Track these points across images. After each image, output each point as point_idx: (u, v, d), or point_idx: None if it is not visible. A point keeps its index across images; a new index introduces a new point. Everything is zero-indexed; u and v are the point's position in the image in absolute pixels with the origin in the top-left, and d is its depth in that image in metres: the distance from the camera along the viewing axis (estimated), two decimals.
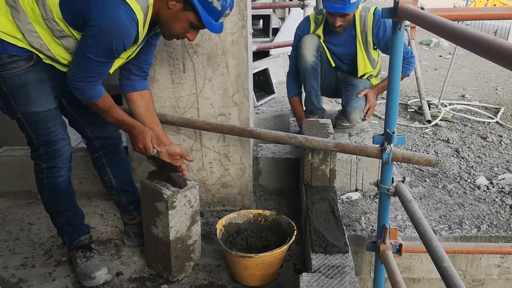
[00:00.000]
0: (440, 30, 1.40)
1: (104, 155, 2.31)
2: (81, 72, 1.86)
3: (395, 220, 2.76)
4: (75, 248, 2.24)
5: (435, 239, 1.64)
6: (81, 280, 2.18)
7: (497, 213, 2.87)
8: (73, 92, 1.93)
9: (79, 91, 1.91)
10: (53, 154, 2.05)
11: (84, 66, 1.85)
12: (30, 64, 1.90)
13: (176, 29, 1.92)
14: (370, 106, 3.26)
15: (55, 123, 2.02)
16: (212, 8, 1.84)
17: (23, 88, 1.91)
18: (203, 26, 1.89)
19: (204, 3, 1.83)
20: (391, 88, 1.94)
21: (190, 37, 1.96)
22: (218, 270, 2.30)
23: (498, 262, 2.73)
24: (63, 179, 2.12)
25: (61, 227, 2.24)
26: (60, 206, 2.18)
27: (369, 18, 3.14)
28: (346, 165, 3.00)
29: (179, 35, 1.96)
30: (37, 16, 1.82)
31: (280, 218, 2.35)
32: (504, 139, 4.13)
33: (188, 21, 1.88)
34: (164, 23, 1.92)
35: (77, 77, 1.87)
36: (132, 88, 2.16)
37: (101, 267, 2.18)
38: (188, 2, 1.83)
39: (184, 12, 1.86)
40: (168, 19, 1.89)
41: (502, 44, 1.01)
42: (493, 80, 6.36)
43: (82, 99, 1.95)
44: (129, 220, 2.46)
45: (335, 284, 1.83)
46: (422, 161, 2.17)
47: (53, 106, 2.01)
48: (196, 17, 1.86)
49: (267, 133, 2.52)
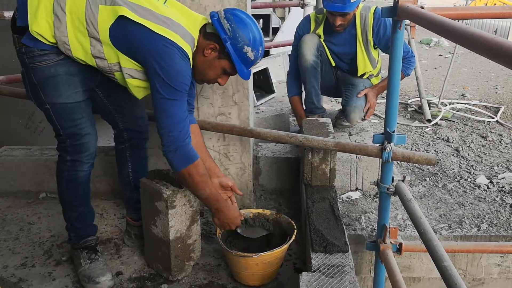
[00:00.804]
0: (440, 29, 1.40)
1: (129, 148, 2.34)
2: (173, 124, 1.89)
3: (395, 219, 2.76)
4: (81, 248, 2.24)
5: (435, 238, 1.64)
6: (84, 282, 2.17)
7: (497, 212, 2.87)
8: (173, 159, 1.93)
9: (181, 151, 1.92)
10: (78, 148, 2.06)
11: (171, 115, 1.89)
12: (60, 57, 1.92)
13: (210, 75, 2.03)
14: (370, 105, 3.26)
15: (82, 116, 2.03)
16: (246, 58, 1.97)
17: (52, 79, 1.94)
18: (235, 72, 2.01)
19: (239, 54, 1.95)
20: (391, 87, 1.94)
21: (221, 82, 2.08)
22: (218, 269, 2.29)
23: (498, 261, 2.73)
24: (83, 174, 2.13)
25: (71, 222, 2.24)
26: (75, 201, 2.19)
27: (369, 18, 3.14)
28: (346, 165, 3.00)
29: (211, 80, 2.07)
30: (82, 31, 1.86)
31: (280, 217, 2.35)
32: (504, 138, 4.13)
33: (221, 68, 2.00)
34: (199, 69, 2.01)
35: (174, 133, 1.89)
36: None
37: (106, 272, 2.18)
38: (225, 52, 1.94)
39: (219, 60, 1.98)
40: (203, 66, 2.00)
41: (502, 43, 1.01)
42: (493, 79, 6.36)
43: (183, 161, 1.94)
44: (132, 220, 2.45)
45: (335, 283, 1.83)
46: (422, 160, 2.17)
47: (81, 99, 2.02)
48: (230, 65, 1.98)
49: (267, 132, 2.52)
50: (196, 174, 1.96)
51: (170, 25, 1.86)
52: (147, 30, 1.83)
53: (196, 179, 1.97)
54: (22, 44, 1.90)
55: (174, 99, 1.88)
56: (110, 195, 2.99)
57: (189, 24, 1.93)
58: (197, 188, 2.00)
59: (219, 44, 1.94)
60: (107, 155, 3.00)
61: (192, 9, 2.38)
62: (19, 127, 3.83)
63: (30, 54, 1.90)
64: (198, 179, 1.97)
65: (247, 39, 1.93)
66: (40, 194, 3.02)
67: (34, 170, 3.02)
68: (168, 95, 1.86)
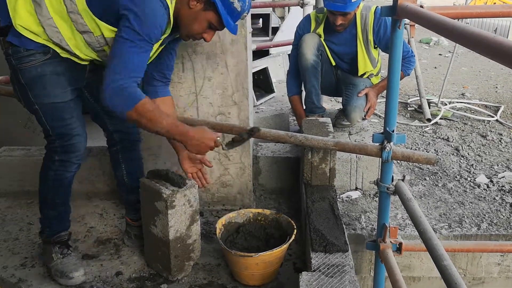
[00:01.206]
0: (439, 28, 1.40)
1: (121, 150, 2.33)
2: (121, 67, 1.78)
3: (395, 218, 2.76)
4: (53, 243, 2.24)
5: (435, 238, 1.64)
6: (56, 277, 2.18)
7: (497, 212, 2.87)
8: (112, 100, 1.79)
9: (120, 94, 1.78)
10: (68, 148, 2.05)
11: (125, 58, 1.78)
12: (47, 57, 1.92)
13: (195, 29, 1.95)
14: (370, 105, 3.26)
15: (72, 116, 2.02)
16: (232, 9, 1.89)
17: (39, 80, 1.94)
18: (222, 26, 1.93)
19: (225, 3, 1.87)
20: (390, 86, 1.93)
21: (206, 37, 1.99)
22: (218, 269, 2.29)
23: (498, 261, 2.73)
24: (70, 175, 2.13)
25: (48, 219, 2.23)
26: (57, 200, 2.19)
27: (370, 17, 3.14)
28: (346, 164, 3.00)
29: (196, 35, 1.98)
30: (61, 9, 1.83)
31: (280, 217, 2.35)
32: (504, 137, 4.13)
33: (207, 21, 1.92)
34: (184, 22, 1.94)
35: (116, 75, 1.77)
36: (155, 93, 2.16)
37: (79, 267, 2.19)
38: (210, 2, 1.86)
39: (204, 12, 1.90)
40: (188, 19, 1.92)
41: (502, 42, 1.01)
42: (493, 78, 6.36)
43: (125, 103, 1.80)
44: (132, 220, 2.45)
45: (335, 283, 1.83)
46: (422, 159, 2.17)
47: (70, 98, 2.01)
48: (216, 17, 1.90)
49: (267, 132, 2.51)
50: (147, 111, 1.82)
51: None
52: None
53: (148, 115, 1.83)
54: (9, 45, 1.89)
55: (136, 45, 1.77)
56: (109, 195, 2.99)
57: None
58: (153, 124, 1.85)
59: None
60: (106, 155, 2.98)
61: None
62: (18, 127, 3.83)
63: (17, 55, 1.89)
64: (150, 114, 1.83)
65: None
66: None
67: (34, 170, 2.98)
68: (132, 38, 1.76)
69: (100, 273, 2.27)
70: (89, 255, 2.41)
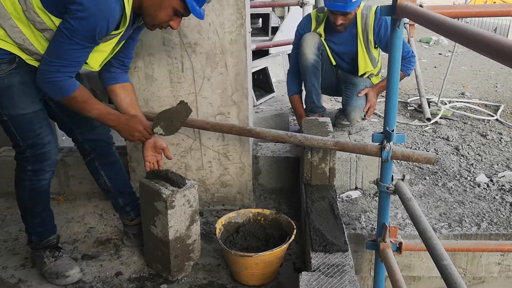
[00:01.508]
0: (439, 28, 1.40)
1: (96, 158, 2.30)
2: (56, 59, 1.79)
3: (395, 218, 2.76)
4: (42, 248, 2.24)
5: (435, 237, 1.64)
6: (52, 279, 2.18)
7: (497, 211, 2.87)
8: (44, 88, 1.86)
9: (52, 85, 1.84)
10: (40, 157, 2.03)
11: (61, 51, 1.78)
12: (13, 67, 1.88)
13: (160, 17, 1.90)
14: (370, 105, 3.26)
15: (41, 125, 2.00)
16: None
17: (6, 90, 1.90)
18: (188, 12, 1.89)
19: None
20: (390, 86, 1.93)
21: (173, 25, 1.94)
22: (217, 269, 2.29)
23: (498, 260, 2.73)
24: (45, 182, 2.12)
25: (32, 227, 2.23)
26: (37, 208, 2.18)
27: (370, 17, 3.14)
28: (346, 164, 3.00)
29: (163, 23, 1.94)
30: (17, 9, 1.79)
31: (280, 217, 2.35)
32: (504, 137, 4.12)
33: (172, 8, 1.87)
34: (148, 11, 1.90)
35: (51, 66, 1.80)
36: (114, 80, 2.13)
37: (74, 265, 2.20)
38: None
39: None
40: (152, 7, 1.88)
41: (502, 41, 1.01)
42: (492, 78, 6.36)
43: (56, 94, 1.88)
44: (128, 221, 2.45)
45: (335, 283, 1.83)
46: (422, 159, 2.17)
47: (38, 108, 1.99)
48: (180, 3, 1.86)
49: (266, 132, 2.51)
50: (77, 102, 1.91)
51: None
52: None
53: (78, 106, 1.92)
54: None
55: (75, 43, 1.76)
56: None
57: None
58: (84, 112, 1.96)
59: None
60: None
61: None
62: None
63: None
64: (81, 105, 1.92)
65: None
66: None
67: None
68: (73, 36, 1.74)
69: (99, 273, 2.27)
70: (88, 255, 2.41)
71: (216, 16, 2.42)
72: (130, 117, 2.06)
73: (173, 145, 2.70)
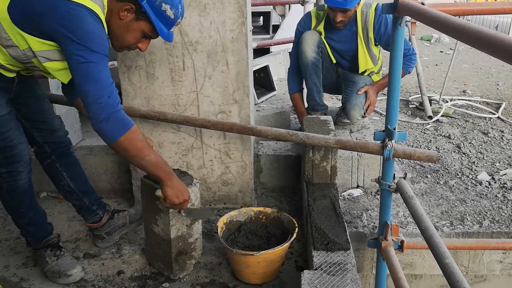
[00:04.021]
0: (440, 25, 1.39)
1: (56, 160, 2.27)
2: (99, 91, 1.73)
3: (396, 216, 2.76)
4: (43, 247, 2.24)
5: (436, 236, 1.63)
6: (54, 278, 2.19)
7: (499, 209, 2.87)
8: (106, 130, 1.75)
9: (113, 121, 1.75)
10: (12, 159, 2.02)
11: (95, 81, 1.72)
12: None
13: (129, 40, 1.89)
14: (370, 103, 3.26)
15: (10, 128, 1.97)
16: (165, 17, 1.85)
17: None
18: (156, 35, 1.89)
19: (157, 12, 1.83)
20: (391, 84, 1.93)
21: (141, 47, 1.94)
22: (219, 268, 2.29)
23: (500, 258, 2.73)
24: (23, 182, 2.09)
25: (24, 228, 2.23)
26: (22, 209, 2.16)
27: (370, 14, 3.13)
28: (347, 162, 3.00)
29: (131, 45, 1.93)
30: None
31: (282, 215, 2.35)
32: (505, 135, 4.12)
33: (140, 31, 1.87)
34: (116, 34, 1.88)
35: (101, 101, 1.72)
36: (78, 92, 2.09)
37: (76, 265, 2.21)
38: (142, 12, 1.81)
39: (136, 22, 1.85)
40: (120, 30, 1.86)
41: (503, 38, 1.00)
42: (494, 75, 6.34)
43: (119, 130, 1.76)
44: (96, 223, 2.42)
45: (337, 281, 1.83)
46: (424, 157, 2.16)
47: (5, 112, 1.96)
48: (149, 26, 1.86)
49: (267, 130, 2.51)
50: (137, 140, 1.80)
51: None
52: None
53: (138, 145, 1.81)
54: None
55: (94, 62, 1.71)
56: (110, 194, 2.99)
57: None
58: (141, 154, 1.82)
59: (135, 4, 1.80)
60: (107, 154, 3.00)
61: (191, 6, 2.38)
62: None
63: None
64: (140, 144, 1.81)
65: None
66: (41, 193, 3.02)
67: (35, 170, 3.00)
68: (87, 58, 1.70)
69: (101, 272, 2.27)
70: (90, 254, 2.41)
71: (217, 15, 2.41)
72: (182, 182, 1.98)
73: (175, 143, 2.70)
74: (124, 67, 2.54)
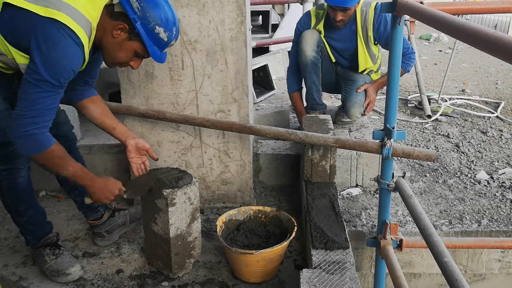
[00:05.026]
0: (439, 25, 1.39)
1: None
2: (28, 110, 1.74)
3: (395, 215, 2.76)
4: (42, 246, 2.24)
5: (435, 234, 1.64)
6: (53, 276, 2.19)
7: (497, 208, 2.87)
8: (20, 144, 1.78)
9: (28, 139, 1.76)
10: (10, 156, 2.02)
11: (30, 102, 1.73)
12: None
13: (120, 58, 1.89)
14: (369, 101, 3.26)
15: (7, 124, 1.94)
16: (158, 39, 1.84)
17: None
18: (147, 55, 1.89)
19: (151, 34, 1.82)
20: (391, 83, 1.93)
21: (133, 65, 1.94)
22: (218, 266, 2.29)
23: (499, 257, 2.73)
24: (23, 179, 2.10)
25: (23, 226, 2.23)
26: (21, 206, 2.17)
27: (370, 13, 3.13)
28: (346, 161, 3.00)
29: (123, 63, 1.93)
30: None
31: (281, 214, 2.35)
32: (504, 134, 4.12)
33: (133, 50, 1.87)
34: (108, 51, 1.88)
35: (25, 119, 1.74)
36: (80, 96, 2.12)
37: (74, 263, 2.21)
38: (134, 32, 1.81)
39: (129, 41, 1.84)
40: (112, 48, 1.86)
41: (502, 37, 1.01)
42: (493, 75, 6.35)
43: (32, 149, 1.80)
44: (97, 220, 2.44)
45: (336, 280, 1.83)
46: (422, 156, 2.17)
47: (3, 108, 1.96)
48: (141, 47, 1.85)
49: (267, 129, 2.51)
50: (54, 158, 1.84)
51: (59, 6, 1.69)
52: (32, 15, 1.68)
53: (56, 162, 1.85)
54: None
55: (42, 88, 1.72)
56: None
57: (86, 5, 1.75)
58: (59, 169, 1.88)
59: (129, 25, 1.79)
60: (107, 153, 2.99)
61: (190, 5, 2.38)
62: None
63: None
64: (57, 161, 1.85)
65: (158, 19, 1.79)
66: (40, 192, 3.02)
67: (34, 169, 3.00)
68: (39, 84, 1.71)
69: (100, 270, 2.27)
70: (89, 252, 2.41)
71: (217, 14, 2.41)
72: (107, 180, 2.00)
73: (174, 142, 2.70)
74: None
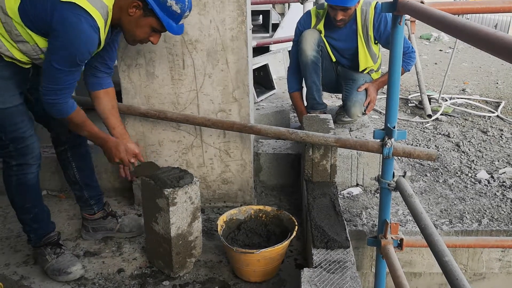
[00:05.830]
0: (440, 24, 1.40)
1: (69, 149, 2.34)
2: (50, 84, 1.90)
3: (396, 215, 2.76)
4: (44, 245, 2.25)
5: (436, 234, 1.64)
6: (54, 275, 2.20)
7: (498, 207, 2.87)
8: (46, 108, 1.97)
9: (51, 106, 1.95)
10: (23, 151, 2.05)
11: (52, 78, 1.89)
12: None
13: (139, 35, 2.00)
14: (370, 100, 3.26)
15: (22, 119, 2.03)
16: (171, 11, 1.92)
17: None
18: (164, 29, 1.97)
19: (163, 8, 1.90)
20: (391, 82, 1.93)
21: (153, 40, 2.03)
22: (219, 266, 2.30)
23: (499, 256, 2.73)
24: (32, 176, 2.13)
25: (28, 224, 2.24)
26: (28, 203, 2.19)
27: (370, 13, 3.13)
28: (347, 160, 3.00)
29: (143, 40, 2.03)
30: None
31: (281, 213, 2.35)
32: (504, 133, 4.12)
33: (149, 26, 1.96)
34: (127, 29, 1.99)
35: (48, 91, 1.91)
36: (99, 85, 2.21)
37: (76, 262, 2.22)
38: (148, 8, 1.89)
39: (145, 18, 1.94)
40: (130, 26, 1.97)
41: (503, 37, 1.01)
42: (493, 74, 6.35)
43: (55, 114, 1.99)
44: (89, 215, 2.49)
45: (337, 279, 1.84)
46: (423, 155, 2.17)
47: (19, 102, 2.02)
48: (157, 21, 1.94)
49: (267, 128, 2.51)
50: (72, 123, 2.05)
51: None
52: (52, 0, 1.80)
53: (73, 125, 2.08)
54: None
55: (64, 70, 1.87)
56: (111, 192, 2.99)
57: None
58: (76, 130, 2.12)
59: (142, 1, 1.89)
60: None
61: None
62: None
63: None
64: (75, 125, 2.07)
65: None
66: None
67: None
68: (59, 64, 1.85)
69: (101, 270, 2.28)
70: (90, 252, 2.42)
71: (217, 13, 2.42)
72: (120, 143, 2.19)
73: (174, 142, 2.70)
74: (124, 65, 2.54)
